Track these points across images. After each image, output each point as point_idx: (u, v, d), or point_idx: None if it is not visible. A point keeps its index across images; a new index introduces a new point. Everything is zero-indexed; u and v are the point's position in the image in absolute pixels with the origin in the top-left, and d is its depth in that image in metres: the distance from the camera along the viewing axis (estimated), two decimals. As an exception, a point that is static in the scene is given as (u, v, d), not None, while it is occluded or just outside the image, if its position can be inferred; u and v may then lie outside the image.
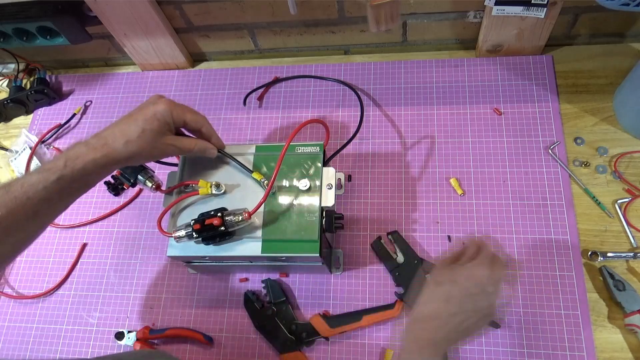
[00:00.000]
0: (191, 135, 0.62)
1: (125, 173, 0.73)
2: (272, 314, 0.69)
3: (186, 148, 0.59)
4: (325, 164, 0.66)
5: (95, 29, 0.87)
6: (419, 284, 0.55)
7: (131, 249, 0.79)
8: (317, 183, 0.63)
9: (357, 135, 0.77)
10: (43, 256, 0.81)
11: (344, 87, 0.86)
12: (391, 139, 0.80)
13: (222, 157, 0.67)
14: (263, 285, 0.72)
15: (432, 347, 0.49)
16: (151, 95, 0.60)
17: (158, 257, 0.78)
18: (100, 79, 0.96)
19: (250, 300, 0.70)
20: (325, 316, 0.68)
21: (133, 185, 0.75)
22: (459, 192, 0.74)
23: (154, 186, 0.70)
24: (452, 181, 0.74)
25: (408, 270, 0.68)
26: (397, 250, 0.70)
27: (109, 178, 0.80)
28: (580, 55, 0.82)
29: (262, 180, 0.63)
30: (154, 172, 0.68)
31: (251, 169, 0.64)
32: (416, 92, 0.83)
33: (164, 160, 0.77)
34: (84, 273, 0.79)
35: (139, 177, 0.72)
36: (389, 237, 0.71)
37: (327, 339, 0.67)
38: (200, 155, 0.61)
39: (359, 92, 0.84)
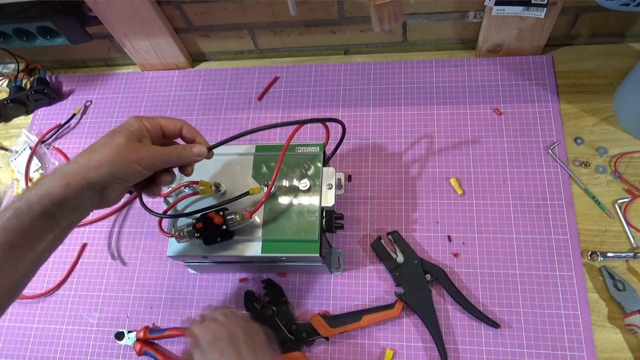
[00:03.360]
0: None
1: None
2: (272, 314, 0.69)
3: (168, 152, 0.52)
4: (325, 164, 0.66)
5: (95, 29, 0.87)
6: None
7: (131, 249, 0.79)
8: (317, 183, 0.63)
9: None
10: (43, 256, 0.81)
11: (344, 87, 0.86)
12: (391, 139, 0.80)
13: (222, 158, 0.67)
14: (263, 285, 0.72)
15: None
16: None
17: (158, 257, 0.78)
18: (100, 79, 0.96)
19: (251, 300, 0.70)
20: (325, 316, 0.68)
21: (130, 192, 0.75)
22: (459, 192, 0.74)
23: None
24: (452, 181, 0.74)
25: (408, 270, 0.68)
26: (397, 250, 0.70)
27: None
28: (580, 55, 0.82)
29: (265, 182, 0.63)
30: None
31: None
32: (416, 92, 0.83)
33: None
34: (84, 273, 0.79)
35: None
36: (389, 237, 0.71)
37: (327, 339, 0.67)
38: (190, 159, 0.54)
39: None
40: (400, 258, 0.69)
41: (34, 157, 0.88)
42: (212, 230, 0.60)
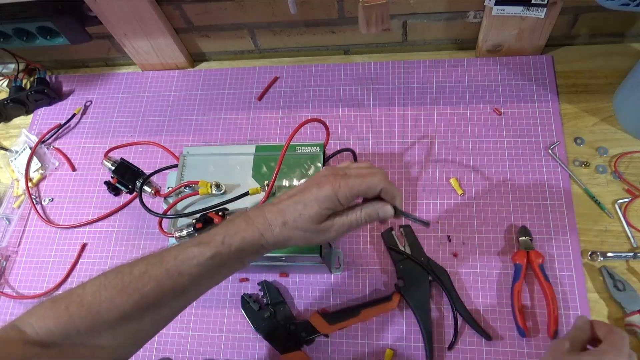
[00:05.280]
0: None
1: (122, 180, 0.73)
2: (270, 315, 0.69)
3: (353, 222, 0.49)
4: (325, 163, 0.66)
5: (95, 29, 0.87)
6: None
7: (131, 249, 0.79)
8: (317, 183, 0.63)
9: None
10: (43, 256, 0.81)
11: (344, 87, 0.86)
12: (391, 139, 0.80)
13: (222, 158, 0.67)
14: (259, 287, 0.71)
15: None
16: (325, 168, 0.53)
17: (158, 257, 0.77)
18: (100, 79, 0.96)
19: (247, 303, 0.70)
20: (324, 313, 0.68)
21: (131, 192, 0.75)
22: (459, 192, 0.74)
23: (152, 191, 0.71)
24: (452, 181, 0.74)
25: (412, 265, 0.68)
26: (406, 244, 0.70)
27: (108, 178, 0.80)
28: (580, 55, 0.82)
29: (265, 183, 0.63)
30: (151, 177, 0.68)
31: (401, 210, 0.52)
32: (416, 92, 0.83)
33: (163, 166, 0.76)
34: (84, 273, 0.79)
35: (137, 183, 0.72)
36: (401, 229, 0.71)
37: (327, 336, 0.67)
38: (376, 220, 0.50)
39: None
40: (407, 252, 0.70)
41: (34, 157, 0.88)
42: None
